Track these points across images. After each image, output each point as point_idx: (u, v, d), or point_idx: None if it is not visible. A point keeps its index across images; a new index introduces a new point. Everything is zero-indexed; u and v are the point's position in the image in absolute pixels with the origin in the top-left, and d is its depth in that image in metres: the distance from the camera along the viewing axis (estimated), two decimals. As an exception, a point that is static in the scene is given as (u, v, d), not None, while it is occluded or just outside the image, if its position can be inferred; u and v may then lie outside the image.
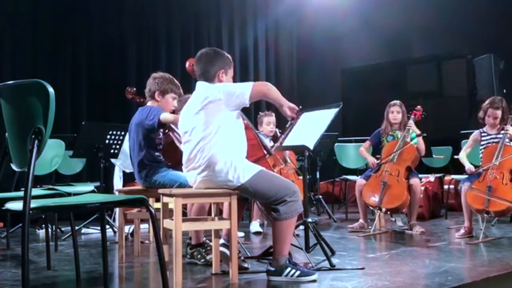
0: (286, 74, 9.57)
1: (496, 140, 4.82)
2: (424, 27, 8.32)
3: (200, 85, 3.26)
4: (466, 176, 4.90)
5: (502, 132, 4.78)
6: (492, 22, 7.59)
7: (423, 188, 5.86)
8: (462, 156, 4.99)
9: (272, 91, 3.18)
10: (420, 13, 8.17)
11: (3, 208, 2.27)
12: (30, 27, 6.76)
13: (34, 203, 1.99)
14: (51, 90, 1.95)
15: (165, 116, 3.68)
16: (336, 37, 9.03)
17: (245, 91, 3.08)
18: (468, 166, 4.80)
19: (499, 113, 4.84)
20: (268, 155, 3.76)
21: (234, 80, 3.40)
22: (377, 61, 9.05)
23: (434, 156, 5.94)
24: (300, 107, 3.33)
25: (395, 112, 5.41)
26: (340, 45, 9.11)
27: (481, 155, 4.88)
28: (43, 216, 4.39)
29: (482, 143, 4.93)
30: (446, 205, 6.49)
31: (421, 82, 9.06)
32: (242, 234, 4.91)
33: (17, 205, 2.15)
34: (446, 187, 6.74)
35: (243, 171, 3.09)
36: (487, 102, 4.95)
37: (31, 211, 1.94)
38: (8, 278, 3.31)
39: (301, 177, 5.48)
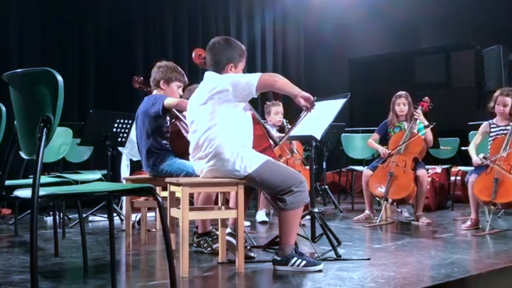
0: (294, 64, 9.55)
1: (505, 132, 4.80)
2: (432, 18, 8.26)
3: (209, 74, 3.26)
4: (473, 167, 4.88)
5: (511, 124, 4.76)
6: (501, 13, 7.53)
7: (429, 179, 5.84)
8: (471, 148, 4.96)
9: (280, 82, 3.14)
10: (429, 3, 8.11)
11: (12, 195, 2.29)
12: (38, 16, 6.77)
13: (42, 191, 2.00)
14: (60, 78, 1.96)
15: (168, 101, 3.69)
16: (343, 27, 8.98)
17: (252, 82, 3.07)
18: (475, 159, 4.78)
19: (509, 100, 4.82)
20: (275, 145, 3.76)
21: (242, 71, 3.38)
22: (385, 51, 9.00)
23: (441, 147, 5.92)
24: (315, 97, 3.26)
25: (401, 104, 5.40)
26: (347, 35, 9.07)
27: (489, 146, 4.86)
28: (51, 204, 4.42)
29: (491, 134, 4.91)
30: (453, 196, 6.47)
31: (429, 73, 9.01)
32: (248, 223, 4.93)
33: (26, 193, 2.17)
34: (452, 178, 6.72)
35: (250, 161, 3.09)
36: (497, 91, 4.94)
37: (39, 199, 1.95)
38: (17, 264, 3.35)
39: (307, 167, 5.49)
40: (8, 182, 2.49)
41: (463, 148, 6.45)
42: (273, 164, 3.17)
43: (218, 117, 3.08)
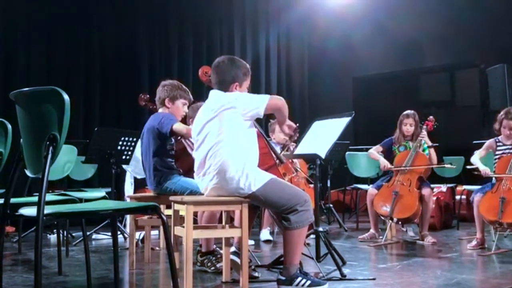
0: (298, 82, 9.58)
1: (511, 151, 4.78)
2: (437, 36, 8.30)
3: (214, 93, 3.27)
4: (479, 186, 4.86)
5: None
6: (506, 32, 7.56)
7: (434, 198, 5.82)
8: (475, 159, 4.93)
9: (284, 108, 3.24)
10: (433, 22, 8.16)
11: (17, 213, 2.29)
12: (44, 34, 6.83)
13: (47, 209, 2.00)
14: (66, 97, 1.97)
15: (178, 127, 3.68)
16: (348, 45, 9.03)
17: (261, 103, 3.10)
18: (483, 168, 4.74)
19: None
20: (280, 163, 3.76)
21: (247, 90, 3.40)
22: (390, 69, 9.03)
23: (446, 166, 5.90)
24: (297, 124, 3.36)
25: (408, 124, 5.37)
26: (352, 53, 9.11)
27: (495, 165, 4.84)
28: (55, 222, 4.41)
29: (497, 152, 4.89)
30: (458, 215, 6.44)
31: (434, 91, 9.02)
32: (252, 242, 4.90)
33: (30, 211, 2.16)
34: (458, 197, 6.69)
35: (255, 179, 3.08)
36: (502, 113, 4.91)
37: (44, 217, 1.95)
38: (19, 283, 3.33)
39: (312, 186, 5.47)
40: (12, 200, 2.49)
41: (468, 167, 6.42)
42: (278, 182, 3.17)
43: (223, 134, 3.08)
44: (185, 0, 8.02)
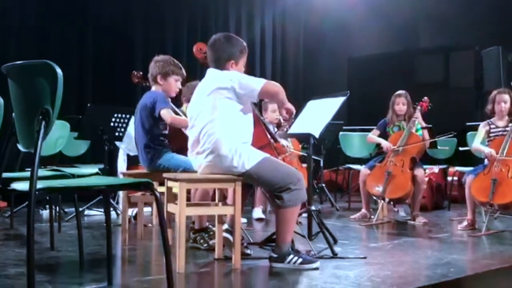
0: (293, 63, 9.53)
1: (504, 132, 4.79)
2: (432, 17, 8.26)
3: (211, 71, 3.25)
4: (471, 168, 4.88)
5: (511, 124, 4.76)
6: (501, 13, 7.53)
7: (427, 179, 5.85)
8: (477, 144, 4.94)
9: (281, 95, 3.22)
10: (429, 2, 8.10)
11: (9, 188, 2.28)
12: (38, 8, 6.73)
13: (40, 184, 1.99)
14: (59, 71, 1.94)
15: (165, 114, 3.71)
16: (344, 26, 8.96)
17: (255, 87, 3.08)
18: (489, 150, 4.72)
19: (507, 97, 4.82)
20: (274, 142, 3.76)
21: (244, 68, 3.37)
22: (385, 50, 8.99)
23: (439, 147, 5.92)
24: (294, 112, 3.35)
25: (400, 103, 5.38)
26: (347, 34, 9.05)
27: (487, 146, 4.86)
28: (47, 197, 4.41)
29: (490, 134, 4.91)
30: (449, 196, 6.48)
31: (428, 72, 8.99)
32: (244, 220, 4.92)
33: (23, 186, 2.16)
34: (449, 178, 6.72)
35: (248, 157, 3.09)
36: (493, 92, 4.94)
37: (37, 192, 1.94)
38: (12, 257, 3.34)
39: (304, 165, 5.48)
40: (4, 175, 2.48)
41: (460, 148, 6.45)
42: (271, 161, 3.17)
43: (217, 112, 3.08)
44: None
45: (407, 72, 8.94)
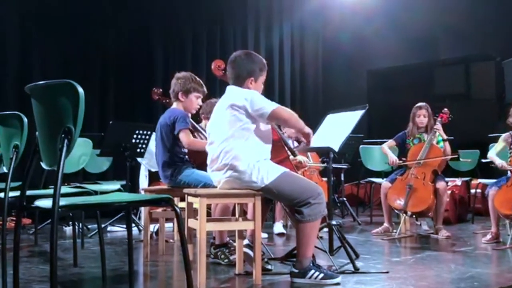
0: (312, 76, 9.54)
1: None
2: (452, 28, 8.21)
3: (230, 89, 3.28)
4: (494, 180, 4.82)
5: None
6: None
7: (449, 192, 5.78)
8: (492, 154, 4.89)
9: (292, 120, 3.20)
10: (448, 13, 8.06)
11: (33, 205, 2.32)
12: (59, 29, 6.88)
13: (63, 201, 2.02)
14: (81, 90, 1.98)
15: (183, 137, 3.76)
16: (362, 38, 8.96)
17: (266, 110, 3.09)
18: (499, 162, 4.69)
19: None
20: (292, 156, 3.76)
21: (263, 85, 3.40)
22: (404, 62, 8.95)
23: (461, 159, 5.86)
24: (312, 137, 3.34)
25: (421, 115, 5.35)
26: (366, 46, 9.04)
27: (509, 158, 4.80)
28: (70, 214, 4.47)
29: (512, 146, 4.86)
30: (473, 209, 6.39)
31: (449, 84, 8.93)
32: (265, 235, 4.92)
33: (46, 203, 2.19)
34: (472, 191, 6.64)
35: (267, 172, 3.09)
36: None
37: (60, 209, 1.97)
38: (36, 274, 3.38)
39: (325, 179, 5.47)
40: (29, 192, 2.52)
41: (483, 160, 6.37)
42: (291, 175, 3.17)
43: (234, 128, 3.10)
44: (198, -7, 8.03)
45: (427, 84, 8.89)
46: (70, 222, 5.16)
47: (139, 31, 7.45)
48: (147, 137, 5.06)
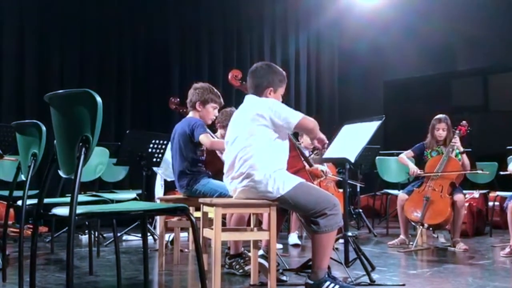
0: (328, 86, 9.54)
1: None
2: (469, 39, 8.16)
3: (250, 98, 3.29)
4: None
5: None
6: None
7: (467, 204, 5.71)
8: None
9: (316, 129, 3.24)
10: (466, 24, 8.02)
11: (50, 213, 2.33)
12: (78, 39, 6.98)
13: (79, 209, 2.04)
14: (99, 99, 2.00)
15: (204, 139, 3.75)
16: (378, 49, 8.95)
17: (293, 120, 3.11)
18: None
19: None
20: (309, 167, 3.75)
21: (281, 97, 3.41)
22: (421, 73, 8.91)
23: (479, 171, 5.80)
24: (326, 142, 3.37)
25: (440, 129, 5.28)
26: (382, 57, 9.02)
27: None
28: (87, 222, 4.49)
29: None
30: (491, 222, 6.31)
31: (467, 95, 8.86)
32: (280, 246, 4.90)
33: (63, 211, 2.21)
34: (491, 203, 6.55)
35: (283, 182, 3.09)
36: None
37: (76, 217, 1.99)
38: (52, 282, 3.40)
39: (341, 190, 5.44)
40: (46, 200, 2.55)
41: (501, 172, 6.29)
42: (307, 186, 3.16)
43: (253, 138, 3.10)
44: (215, 4, 8.09)
45: (444, 96, 8.84)
46: (86, 231, 5.19)
47: (156, 40, 7.52)
48: (164, 146, 5.08)
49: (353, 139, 3.81)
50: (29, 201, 2.85)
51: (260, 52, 8.47)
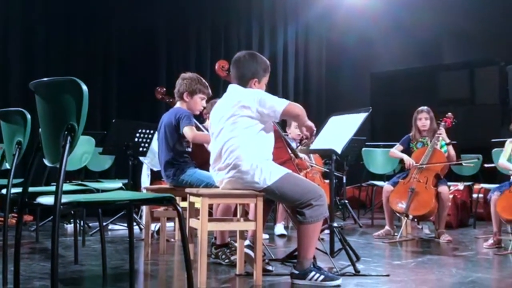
0: (315, 78, 9.55)
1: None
2: (456, 33, 8.21)
3: (233, 88, 3.28)
4: (497, 185, 4.80)
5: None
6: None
7: (451, 196, 5.77)
8: (503, 161, 4.87)
9: (302, 115, 3.22)
10: (453, 18, 8.06)
11: (35, 202, 2.32)
12: (63, 26, 6.90)
13: (65, 198, 2.03)
14: (84, 87, 1.99)
15: (187, 132, 3.74)
16: (366, 41, 8.96)
17: (278, 108, 3.09)
18: None
19: None
20: (295, 158, 3.76)
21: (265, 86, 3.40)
22: (408, 66, 8.95)
23: (464, 164, 5.85)
24: (314, 130, 3.35)
25: (423, 118, 5.34)
26: (370, 50, 9.04)
27: (513, 163, 4.79)
28: (72, 211, 4.47)
29: (517, 151, 4.84)
30: (475, 214, 6.38)
31: (452, 88, 8.92)
32: (266, 236, 4.91)
33: (48, 200, 2.19)
34: (475, 195, 6.63)
35: (270, 173, 3.09)
36: None
37: (61, 206, 1.98)
38: (37, 271, 3.38)
39: (327, 181, 5.46)
40: (31, 189, 2.53)
41: (486, 165, 6.36)
42: (293, 177, 3.17)
43: (239, 129, 3.09)
44: (204, -6, 8.04)
45: (430, 88, 8.88)
46: (72, 220, 5.17)
47: (143, 30, 7.46)
48: (150, 136, 5.06)
49: (339, 130, 3.82)
50: (13, 190, 2.83)
51: (248, 44, 8.43)
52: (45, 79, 2.19)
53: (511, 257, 4.27)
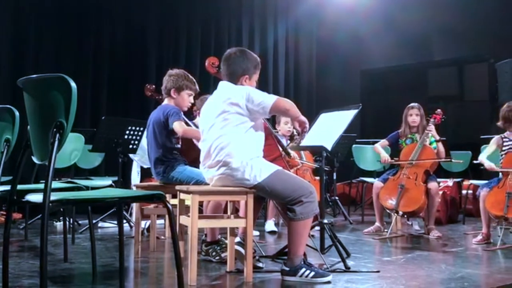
0: (306, 75, 9.56)
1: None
2: (446, 30, 8.25)
3: (224, 84, 3.27)
4: (486, 181, 4.84)
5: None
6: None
7: (441, 192, 5.80)
8: (482, 156, 4.92)
9: (292, 110, 3.21)
10: (443, 15, 8.10)
11: (23, 199, 2.30)
12: (54, 22, 6.84)
13: (54, 196, 2.01)
14: (73, 85, 1.97)
15: (176, 127, 3.72)
16: (356, 38, 8.99)
17: (266, 103, 3.09)
18: (488, 164, 4.73)
19: None
20: (286, 155, 3.76)
21: (256, 83, 3.39)
22: (398, 63, 8.99)
23: (453, 160, 5.89)
24: (307, 126, 3.33)
25: (413, 115, 5.37)
26: (360, 47, 9.07)
27: (501, 160, 4.82)
28: (61, 209, 4.45)
29: (504, 148, 4.87)
30: (464, 210, 6.42)
31: (442, 85, 8.97)
32: (257, 233, 4.92)
33: (37, 197, 2.18)
34: (464, 192, 6.67)
35: (260, 170, 3.09)
36: (504, 107, 4.88)
37: (50, 204, 1.96)
38: (26, 269, 3.36)
39: (317, 178, 5.47)
40: (19, 187, 2.51)
41: (475, 161, 6.40)
42: (283, 174, 3.17)
43: (229, 126, 3.09)
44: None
45: (420, 85, 8.93)
46: (61, 217, 5.14)
47: (133, 27, 7.43)
48: (140, 133, 5.04)
49: (330, 127, 3.83)
50: (2, 188, 2.80)
51: (239, 41, 8.43)
52: (33, 76, 2.17)
53: (500, 252, 4.30)
